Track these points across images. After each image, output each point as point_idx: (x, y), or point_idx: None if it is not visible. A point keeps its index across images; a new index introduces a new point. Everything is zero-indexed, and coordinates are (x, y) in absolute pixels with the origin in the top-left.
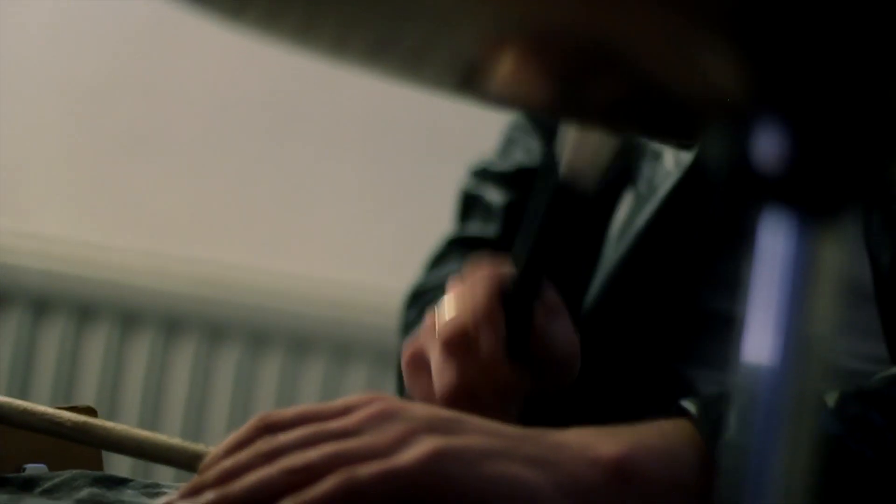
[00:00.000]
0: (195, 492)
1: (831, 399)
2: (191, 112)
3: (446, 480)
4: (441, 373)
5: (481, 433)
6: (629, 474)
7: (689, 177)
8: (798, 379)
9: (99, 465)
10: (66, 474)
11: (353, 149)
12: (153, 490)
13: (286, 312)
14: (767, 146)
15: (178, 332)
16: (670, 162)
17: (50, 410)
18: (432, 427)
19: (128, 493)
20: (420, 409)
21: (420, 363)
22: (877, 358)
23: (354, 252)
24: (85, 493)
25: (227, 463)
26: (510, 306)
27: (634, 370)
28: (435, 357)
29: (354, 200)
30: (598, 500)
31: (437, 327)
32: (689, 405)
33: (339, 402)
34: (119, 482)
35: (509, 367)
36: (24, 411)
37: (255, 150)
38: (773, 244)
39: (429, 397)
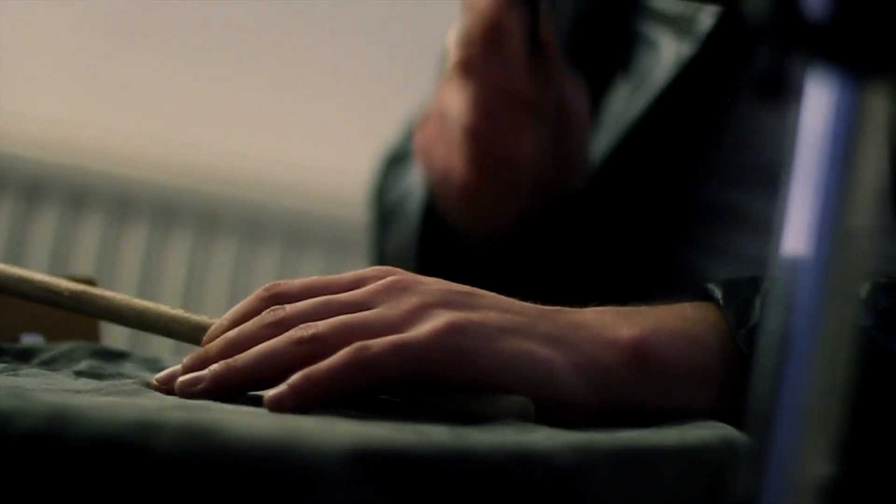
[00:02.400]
0: (199, 363)
1: (862, 290)
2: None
3: (460, 355)
4: (459, 104)
5: (497, 309)
6: (647, 356)
7: (689, 71)
8: (839, 269)
9: (96, 337)
10: (65, 346)
11: (352, 35)
12: (153, 363)
13: (283, 201)
14: None
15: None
16: (668, 54)
17: (48, 279)
18: (447, 301)
19: (127, 366)
20: (434, 284)
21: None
22: None
23: (355, 141)
24: (84, 364)
25: (232, 333)
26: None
27: (627, 257)
28: (452, 94)
29: (360, 87)
30: (614, 382)
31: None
32: (712, 289)
33: (349, 274)
34: (118, 355)
35: (531, 70)
36: (21, 279)
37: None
38: (816, 107)
39: (446, 145)
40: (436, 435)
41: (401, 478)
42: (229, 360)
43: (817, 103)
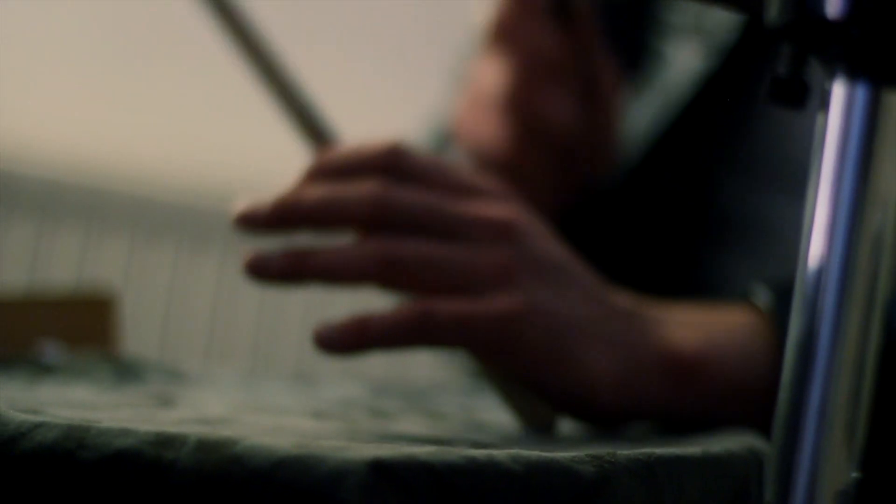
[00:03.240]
0: (283, 211)
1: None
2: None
3: (519, 343)
4: (493, 68)
5: (581, 295)
6: (697, 377)
7: (711, 85)
8: (862, 273)
9: (116, 342)
10: (86, 359)
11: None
12: (175, 376)
13: None
14: None
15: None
16: (688, 68)
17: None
18: (538, 271)
19: (149, 379)
20: (539, 241)
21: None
22: None
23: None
24: (104, 377)
25: (328, 194)
26: None
27: (652, 265)
28: (486, 65)
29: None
30: (657, 400)
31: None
32: (762, 296)
33: (471, 174)
34: (140, 367)
35: (560, 35)
36: None
37: None
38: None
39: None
40: (458, 447)
41: (421, 490)
42: (306, 251)
43: (838, 107)
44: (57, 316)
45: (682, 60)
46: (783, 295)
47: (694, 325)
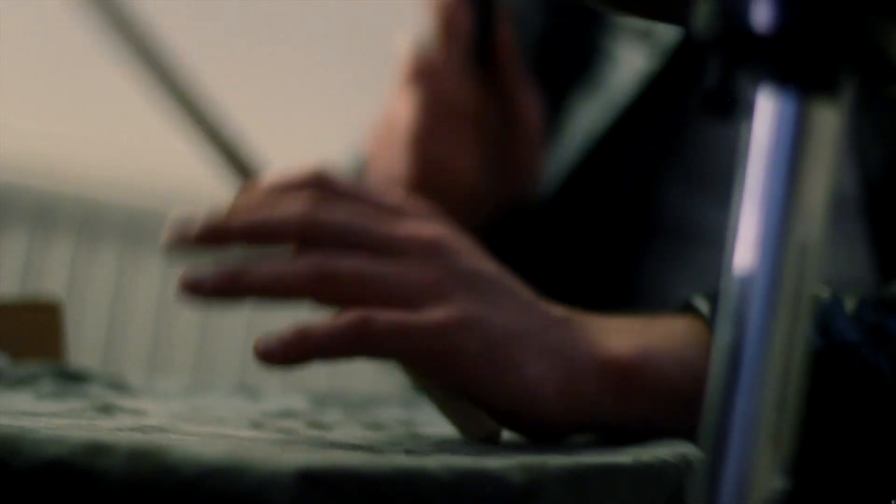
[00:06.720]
0: (218, 232)
1: (850, 304)
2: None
3: (458, 354)
4: (405, 105)
5: (515, 306)
6: (636, 381)
7: (653, 86)
8: (789, 282)
9: (62, 356)
10: (29, 367)
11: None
12: (118, 385)
13: None
14: (762, 9)
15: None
16: (632, 68)
17: None
18: (470, 284)
19: (91, 388)
20: (467, 260)
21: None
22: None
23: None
24: (46, 386)
25: (260, 217)
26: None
27: (590, 269)
28: (400, 101)
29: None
30: (597, 407)
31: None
32: (699, 303)
33: (396, 197)
34: (83, 377)
35: (476, 82)
36: None
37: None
38: (764, 121)
39: (394, 153)
40: (389, 455)
41: (349, 499)
42: (240, 268)
43: (765, 117)
44: (1, 323)
45: (630, 61)
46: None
47: (630, 331)
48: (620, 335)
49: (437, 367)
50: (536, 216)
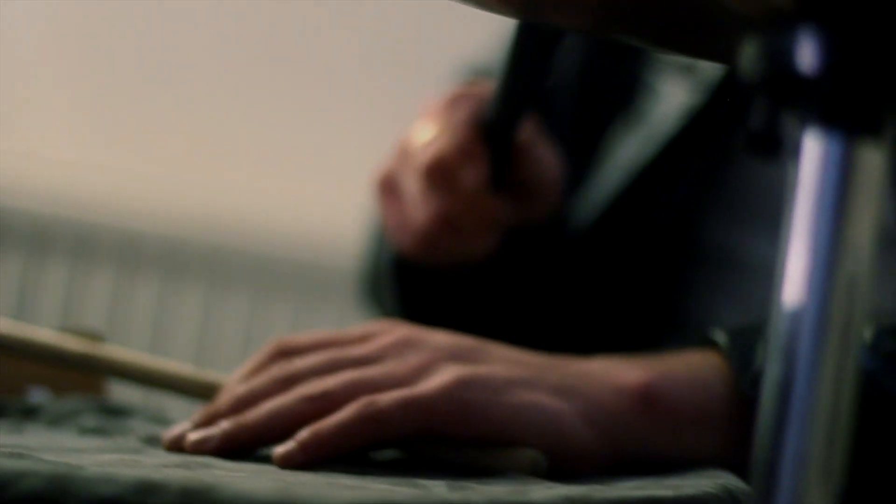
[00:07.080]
0: (209, 420)
1: (867, 333)
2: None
3: (468, 408)
4: (421, 204)
5: (504, 362)
6: (654, 401)
7: (697, 120)
8: (837, 317)
9: (103, 390)
10: (70, 403)
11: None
12: (160, 419)
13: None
14: (809, 52)
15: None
16: (676, 102)
17: (53, 339)
18: (454, 355)
19: (134, 422)
20: (442, 338)
21: (392, 188)
22: None
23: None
24: (89, 422)
25: (242, 390)
26: (491, 135)
27: (632, 301)
28: (411, 186)
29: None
30: (623, 428)
31: (410, 153)
32: (717, 336)
33: (356, 329)
34: (125, 411)
35: (493, 199)
36: (26, 342)
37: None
38: (811, 161)
39: (402, 225)
40: (433, 489)
41: None
42: (239, 418)
43: (811, 157)
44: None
45: (672, 95)
46: (738, 333)
47: (639, 363)
48: (629, 366)
49: (452, 428)
50: (576, 248)
